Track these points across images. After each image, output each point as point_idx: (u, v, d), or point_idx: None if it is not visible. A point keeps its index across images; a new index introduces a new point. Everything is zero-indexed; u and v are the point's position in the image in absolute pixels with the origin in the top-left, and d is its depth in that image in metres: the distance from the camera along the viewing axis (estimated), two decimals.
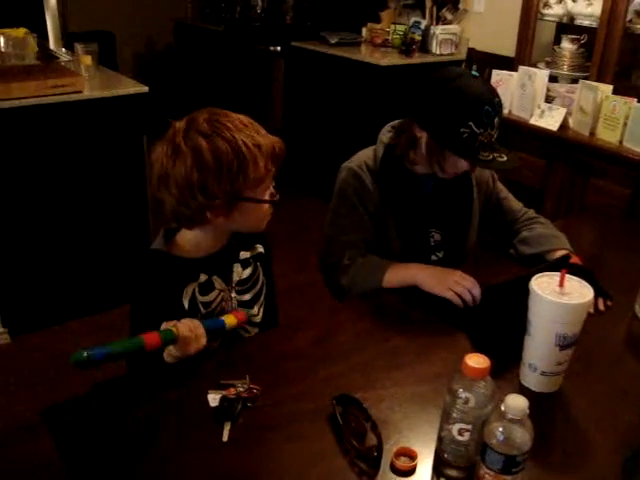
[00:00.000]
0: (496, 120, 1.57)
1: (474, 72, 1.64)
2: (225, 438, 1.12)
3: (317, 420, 1.17)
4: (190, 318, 1.30)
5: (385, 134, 1.76)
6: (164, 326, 1.25)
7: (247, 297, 1.51)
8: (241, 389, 1.22)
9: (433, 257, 1.80)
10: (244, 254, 1.51)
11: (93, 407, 1.24)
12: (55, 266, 2.98)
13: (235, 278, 1.49)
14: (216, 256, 1.45)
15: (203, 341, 1.28)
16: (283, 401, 1.22)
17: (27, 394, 2.51)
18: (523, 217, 1.89)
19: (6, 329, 2.91)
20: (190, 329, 1.26)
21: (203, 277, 1.43)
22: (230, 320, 1.40)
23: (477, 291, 1.54)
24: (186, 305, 1.41)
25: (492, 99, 1.56)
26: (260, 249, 1.55)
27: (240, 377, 1.25)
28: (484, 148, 1.57)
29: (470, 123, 1.54)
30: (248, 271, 1.51)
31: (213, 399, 1.20)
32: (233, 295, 1.48)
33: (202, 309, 1.43)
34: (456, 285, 1.54)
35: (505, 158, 1.59)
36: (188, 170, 1.27)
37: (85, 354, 1.14)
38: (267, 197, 1.39)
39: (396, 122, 1.78)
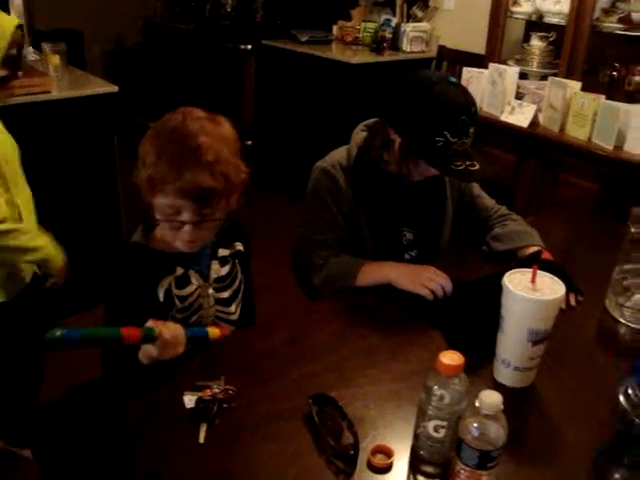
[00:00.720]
0: (471, 130, 1.56)
1: (452, 78, 1.60)
2: (202, 440, 1.11)
3: (293, 419, 1.17)
4: (174, 323, 1.28)
5: (358, 133, 1.76)
6: (149, 325, 1.24)
7: (225, 295, 1.51)
8: (217, 390, 1.21)
9: (406, 256, 1.81)
10: (223, 252, 1.51)
11: (68, 411, 1.23)
12: None
13: (213, 275, 1.49)
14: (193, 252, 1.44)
15: (181, 349, 1.27)
16: (259, 401, 1.22)
17: None
18: (496, 214, 1.90)
19: None
20: (172, 334, 1.25)
21: (179, 270, 1.43)
22: (214, 333, 1.40)
23: (449, 287, 1.55)
24: (161, 297, 1.41)
25: (469, 108, 1.55)
26: (239, 247, 1.55)
27: (215, 378, 1.24)
28: (457, 156, 1.56)
29: (445, 132, 1.52)
30: (226, 269, 1.51)
31: (189, 400, 1.20)
32: (210, 292, 1.48)
33: (178, 302, 1.43)
34: (429, 282, 1.55)
35: (477, 166, 1.58)
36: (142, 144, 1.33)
37: (59, 333, 1.10)
38: (165, 212, 1.33)
39: (370, 121, 1.78)
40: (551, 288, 1.25)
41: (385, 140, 1.66)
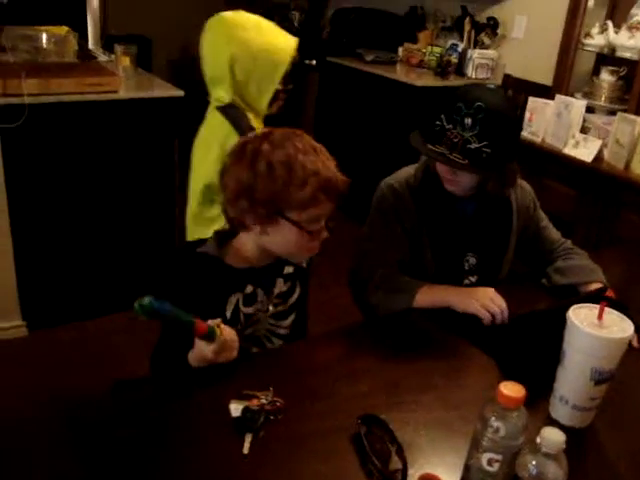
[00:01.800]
0: (467, 120, 1.53)
1: (490, 85, 1.65)
2: (246, 450, 1.09)
3: (340, 439, 1.14)
4: (231, 328, 1.26)
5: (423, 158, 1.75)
6: (210, 323, 1.22)
7: (281, 309, 1.50)
8: (264, 401, 1.19)
9: (466, 281, 1.77)
10: (288, 269, 1.49)
11: (112, 408, 1.22)
12: (79, 263, 2.99)
13: (275, 291, 1.47)
14: (264, 269, 1.43)
15: (235, 354, 1.25)
16: (306, 416, 1.19)
17: (37, 389, 2.49)
18: (560, 247, 1.85)
19: (25, 322, 2.91)
20: (232, 337, 1.23)
21: (249, 288, 1.41)
22: None
23: (507, 313, 1.52)
24: (228, 315, 1.39)
25: (471, 100, 1.53)
26: (303, 264, 1.54)
27: (263, 388, 1.22)
28: (449, 146, 1.56)
29: (442, 116, 1.56)
30: (288, 284, 1.50)
31: (235, 409, 1.17)
32: (270, 308, 1.47)
33: (243, 320, 1.42)
34: (490, 304, 1.52)
35: (465, 162, 1.55)
36: (242, 170, 1.29)
37: (147, 300, 1.09)
38: (310, 228, 1.34)
39: None
40: (619, 326, 1.19)
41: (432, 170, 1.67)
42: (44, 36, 3.02)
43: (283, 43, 1.92)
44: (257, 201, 1.29)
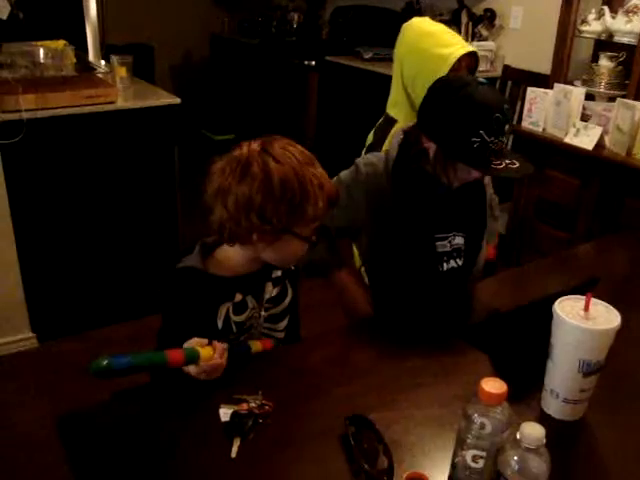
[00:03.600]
0: (506, 127, 1.53)
1: (481, 79, 1.59)
2: (233, 454, 1.10)
3: (329, 440, 1.14)
4: (221, 343, 1.26)
5: (397, 138, 1.73)
6: (195, 342, 1.23)
7: (274, 312, 1.50)
8: (253, 405, 1.20)
9: (452, 264, 1.76)
10: (276, 272, 1.49)
11: (106, 418, 1.23)
12: (85, 274, 3.01)
13: (266, 296, 1.47)
14: (251, 275, 1.43)
15: (218, 375, 1.24)
16: (295, 419, 1.20)
17: (47, 400, 2.52)
18: None
19: (35, 334, 2.94)
20: (212, 366, 1.22)
21: (238, 297, 1.41)
22: (256, 347, 1.40)
23: None
24: (220, 325, 1.39)
25: (502, 106, 1.53)
26: (291, 266, 1.54)
27: (253, 392, 1.23)
28: (496, 156, 1.54)
29: (481, 132, 1.50)
30: (278, 288, 1.50)
31: (224, 413, 1.19)
32: (262, 313, 1.47)
33: (234, 329, 1.42)
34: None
35: (517, 164, 1.55)
36: (253, 191, 1.27)
37: (105, 362, 1.09)
38: (313, 238, 1.37)
39: (407, 127, 1.75)
40: (605, 317, 1.19)
41: (419, 150, 1.64)
42: (41, 51, 3.05)
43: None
44: (267, 220, 1.28)
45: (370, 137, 2.41)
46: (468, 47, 1.97)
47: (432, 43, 1.97)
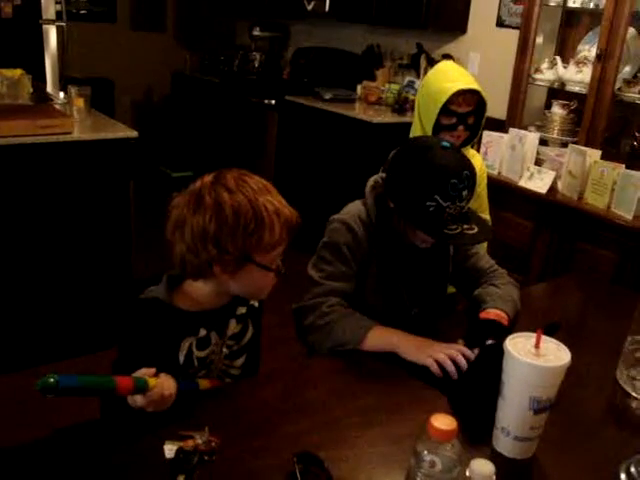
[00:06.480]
0: (465, 192, 1.52)
1: (445, 143, 1.58)
2: None
3: (276, 478, 1.11)
4: (169, 377, 1.23)
5: (370, 190, 1.73)
6: (143, 372, 1.19)
7: (234, 349, 1.47)
8: (199, 441, 1.16)
9: (414, 311, 1.76)
10: (241, 309, 1.47)
11: (46, 455, 1.18)
12: (34, 308, 2.93)
13: (229, 333, 1.45)
14: (216, 311, 1.41)
15: (166, 407, 1.21)
16: (242, 456, 1.16)
17: None
18: (488, 275, 1.82)
19: None
20: (163, 396, 1.19)
21: (202, 332, 1.39)
22: (204, 384, 1.38)
23: (463, 362, 1.45)
24: (181, 360, 1.36)
25: (460, 171, 1.51)
26: (255, 303, 1.52)
27: (200, 428, 1.19)
28: (453, 220, 1.53)
29: (436, 196, 1.49)
30: (240, 326, 1.48)
31: (169, 450, 1.14)
32: (224, 350, 1.45)
33: (196, 363, 1.39)
34: (438, 353, 1.46)
35: (475, 229, 1.54)
36: (206, 221, 1.27)
37: (52, 379, 1.05)
38: (274, 267, 1.37)
39: (378, 177, 1.76)
40: (555, 354, 1.19)
41: (384, 208, 1.66)
42: None
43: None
44: (224, 250, 1.28)
45: None
46: (471, 85, 2.07)
47: (440, 78, 2.12)
